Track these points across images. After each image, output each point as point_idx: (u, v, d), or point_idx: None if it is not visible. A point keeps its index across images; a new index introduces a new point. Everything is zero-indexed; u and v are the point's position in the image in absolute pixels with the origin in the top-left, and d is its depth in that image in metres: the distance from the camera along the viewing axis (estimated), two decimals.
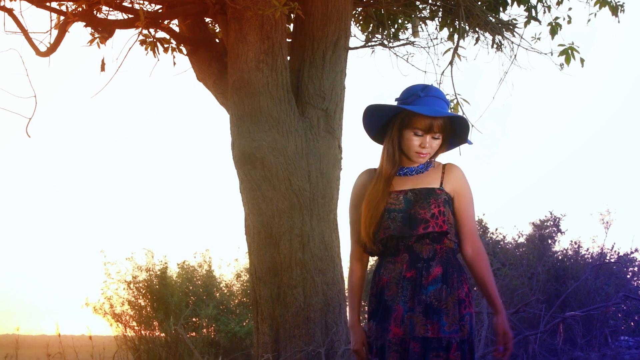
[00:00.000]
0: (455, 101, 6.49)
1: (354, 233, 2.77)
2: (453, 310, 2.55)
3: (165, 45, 6.34)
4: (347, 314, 2.71)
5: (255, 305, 5.68)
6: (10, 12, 5.54)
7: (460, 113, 6.46)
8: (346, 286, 4.37)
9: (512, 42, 6.99)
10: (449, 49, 6.72)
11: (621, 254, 8.20)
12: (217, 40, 6.41)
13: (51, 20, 5.73)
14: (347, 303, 2.72)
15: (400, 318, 2.52)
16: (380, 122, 2.75)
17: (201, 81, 6.38)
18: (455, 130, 2.74)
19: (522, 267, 7.96)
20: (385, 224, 2.60)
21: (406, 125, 2.63)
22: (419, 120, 2.60)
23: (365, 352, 2.65)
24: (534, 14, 6.78)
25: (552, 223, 8.96)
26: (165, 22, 6.23)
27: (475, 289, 3.38)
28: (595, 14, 6.76)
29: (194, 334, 8.62)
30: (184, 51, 6.48)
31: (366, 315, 2.77)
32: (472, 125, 5.68)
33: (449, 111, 2.70)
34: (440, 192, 2.65)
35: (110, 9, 5.95)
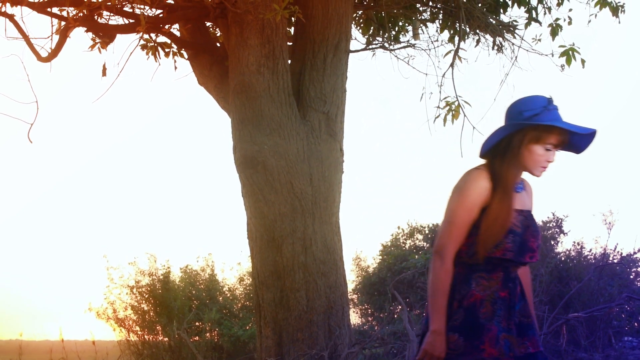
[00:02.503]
0: (456, 103, 6.49)
1: (458, 234, 2.56)
2: (535, 324, 2.64)
3: (167, 50, 6.34)
4: (431, 315, 2.52)
5: (258, 309, 5.68)
6: (11, 17, 5.55)
7: (461, 115, 6.46)
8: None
9: (513, 44, 6.99)
10: (449, 51, 6.72)
11: (624, 254, 8.19)
12: (218, 45, 6.42)
13: (52, 26, 5.74)
14: (432, 303, 2.54)
15: (495, 338, 2.48)
16: (500, 137, 2.61)
17: (202, 85, 6.39)
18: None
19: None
20: (508, 246, 2.52)
21: (536, 140, 2.54)
22: (554, 135, 2.53)
23: None
24: (534, 16, 6.78)
25: (554, 224, 8.94)
26: (166, 26, 6.24)
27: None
28: (596, 15, 6.76)
29: (197, 338, 8.61)
30: (185, 55, 6.49)
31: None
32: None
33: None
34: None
35: (111, 14, 5.96)
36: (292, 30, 6.51)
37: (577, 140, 2.60)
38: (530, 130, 2.53)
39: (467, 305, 2.53)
